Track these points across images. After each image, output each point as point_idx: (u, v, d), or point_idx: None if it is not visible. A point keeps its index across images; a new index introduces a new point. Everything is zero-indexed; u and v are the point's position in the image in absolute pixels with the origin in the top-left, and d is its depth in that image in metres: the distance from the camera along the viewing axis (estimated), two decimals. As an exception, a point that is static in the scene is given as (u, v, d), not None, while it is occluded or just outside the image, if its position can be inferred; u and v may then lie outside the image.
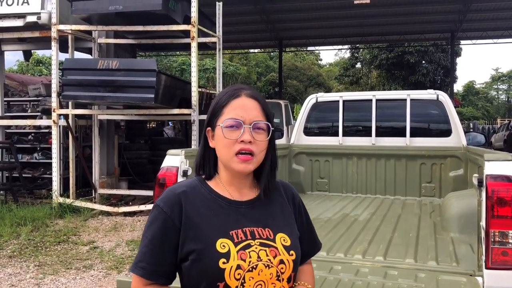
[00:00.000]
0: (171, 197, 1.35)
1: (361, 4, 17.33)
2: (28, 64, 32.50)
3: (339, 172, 5.35)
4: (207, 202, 1.36)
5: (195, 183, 1.41)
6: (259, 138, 1.32)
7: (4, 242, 6.23)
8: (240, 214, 1.36)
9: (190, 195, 1.36)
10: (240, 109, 1.33)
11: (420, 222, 3.90)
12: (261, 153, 1.34)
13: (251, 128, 1.31)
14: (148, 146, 12.50)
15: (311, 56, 45.41)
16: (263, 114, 1.35)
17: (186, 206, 1.33)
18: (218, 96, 1.40)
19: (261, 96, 1.40)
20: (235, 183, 1.39)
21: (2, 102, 10.13)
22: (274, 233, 1.35)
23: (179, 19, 8.17)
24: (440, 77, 29.38)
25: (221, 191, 1.38)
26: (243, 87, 1.38)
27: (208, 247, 1.28)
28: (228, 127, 1.32)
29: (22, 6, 8.49)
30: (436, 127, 5.38)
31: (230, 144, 1.31)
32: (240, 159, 1.31)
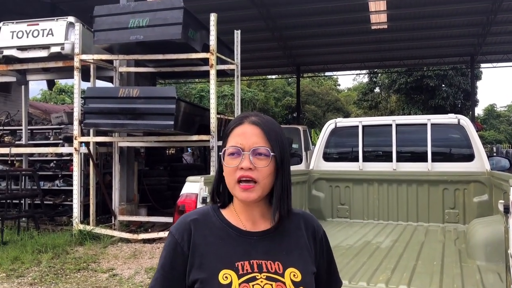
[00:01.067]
0: (182, 224, 1.36)
1: (379, 29, 17.44)
2: (51, 93, 33.36)
3: (360, 198, 5.27)
4: (217, 231, 1.34)
5: (208, 211, 1.40)
6: (260, 164, 1.28)
7: (25, 269, 6.26)
8: (250, 245, 1.32)
9: (201, 223, 1.35)
10: (240, 137, 1.31)
11: (445, 250, 3.79)
12: (265, 180, 1.29)
13: (251, 154, 1.28)
14: (167, 173, 12.58)
15: (329, 81, 45.55)
16: (264, 140, 1.31)
17: (195, 233, 1.33)
18: (228, 124, 1.41)
19: (268, 123, 1.35)
20: (247, 211, 1.35)
21: (26, 130, 10.36)
22: (284, 267, 1.30)
23: (198, 47, 8.31)
24: (460, 101, 29.09)
25: (234, 220, 1.36)
26: (249, 115, 1.37)
27: (210, 277, 1.26)
28: (229, 154, 1.31)
29: (47, 37, 8.76)
30: (458, 151, 5.29)
31: (232, 172, 1.30)
32: (242, 188, 1.28)
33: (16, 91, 15.47)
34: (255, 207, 1.35)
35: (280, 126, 1.40)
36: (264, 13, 15.76)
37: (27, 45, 8.86)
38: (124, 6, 8.30)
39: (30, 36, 8.82)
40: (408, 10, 15.69)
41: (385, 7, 15.39)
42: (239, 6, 15.22)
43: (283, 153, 1.33)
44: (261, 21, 16.39)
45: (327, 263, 1.46)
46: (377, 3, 15.15)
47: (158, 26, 7.69)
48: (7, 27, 9.01)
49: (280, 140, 1.34)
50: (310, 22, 17.00)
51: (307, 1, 15.13)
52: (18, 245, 7.39)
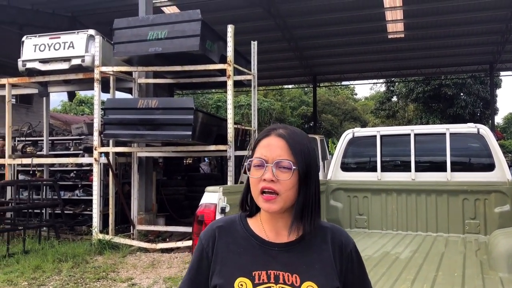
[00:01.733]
0: (209, 230, 1.41)
1: (396, 38, 17.38)
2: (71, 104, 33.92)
3: (379, 209, 5.24)
4: (239, 239, 1.37)
5: (235, 219, 1.43)
6: (283, 177, 1.29)
7: (46, 278, 6.36)
8: (270, 256, 1.33)
9: (225, 230, 1.40)
10: (265, 148, 1.33)
11: (465, 261, 3.74)
12: (287, 192, 1.30)
13: (274, 166, 1.30)
14: (185, 182, 12.66)
15: (346, 90, 45.41)
16: (288, 153, 1.31)
17: (219, 240, 1.37)
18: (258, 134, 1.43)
19: (294, 135, 1.36)
20: (272, 222, 1.37)
21: (47, 141, 10.55)
22: (301, 281, 1.30)
23: (215, 58, 8.40)
24: (479, 109, 28.70)
25: (258, 229, 1.38)
26: (277, 127, 1.38)
27: (227, 284, 1.30)
28: (254, 166, 1.33)
29: (68, 50, 8.97)
30: (478, 161, 5.23)
31: (256, 182, 1.32)
32: (264, 199, 1.30)
33: (38, 102, 15.81)
34: (280, 218, 1.36)
35: (308, 139, 1.41)
36: (281, 23, 15.85)
37: (49, 57, 9.08)
38: (143, 19, 8.44)
39: (52, 49, 9.04)
40: (425, 19, 15.62)
41: (401, 16, 15.34)
42: (255, 17, 15.35)
43: (308, 166, 1.33)
44: (277, 31, 16.49)
45: (359, 279, 1.43)
46: (393, 12, 15.11)
47: (176, 38, 7.80)
48: (30, 40, 9.25)
49: (306, 153, 1.34)
50: (327, 32, 17.04)
51: (323, 11, 15.18)
52: (39, 254, 7.51)
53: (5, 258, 7.27)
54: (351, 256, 1.40)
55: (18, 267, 6.74)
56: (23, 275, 6.41)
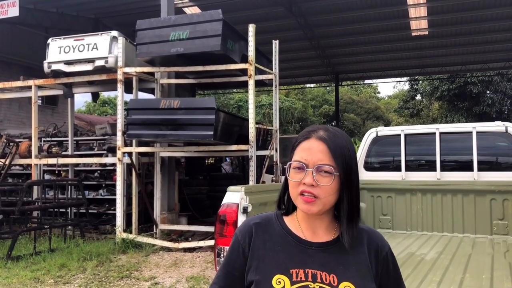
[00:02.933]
0: (246, 227, 1.42)
1: (419, 35, 17.11)
2: (95, 105, 34.47)
3: (403, 209, 5.15)
4: (276, 237, 1.37)
5: (271, 217, 1.44)
6: (323, 182, 1.28)
7: (72, 276, 6.46)
8: (307, 254, 1.34)
9: (262, 227, 1.40)
10: (306, 152, 1.32)
11: (494, 263, 3.64)
12: (327, 197, 1.30)
13: (314, 171, 1.29)
14: (207, 182, 12.71)
15: (369, 89, 44.95)
16: (329, 157, 1.30)
17: (256, 237, 1.38)
18: (298, 135, 1.42)
19: (336, 138, 1.34)
20: (309, 222, 1.37)
21: (72, 141, 10.74)
22: (339, 281, 1.30)
23: (237, 58, 8.40)
24: (507, 107, 28.04)
25: (294, 228, 1.38)
26: (317, 129, 1.37)
27: (265, 281, 1.30)
28: (294, 168, 1.33)
29: (92, 51, 9.10)
30: (506, 160, 5.08)
31: (295, 185, 1.32)
32: (304, 200, 1.30)
33: (63, 103, 16.11)
34: (317, 219, 1.36)
35: (349, 140, 1.39)
36: (302, 22, 15.77)
37: (73, 59, 9.23)
38: (165, 20, 8.50)
39: (76, 51, 9.19)
40: (449, 16, 15.33)
41: (425, 13, 15.09)
42: (277, 16, 15.31)
43: (349, 170, 1.32)
44: (299, 30, 16.42)
45: (394, 283, 1.43)
46: (417, 9, 14.88)
47: (198, 38, 7.83)
48: (55, 42, 9.42)
49: (347, 156, 1.32)
50: (349, 30, 16.89)
51: (345, 9, 15.05)
52: (64, 252, 7.64)
53: (32, 256, 7.41)
54: (386, 260, 1.40)
55: (44, 265, 6.87)
56: (49, 273, 6.53)
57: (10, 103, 15.24)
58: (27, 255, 7.44)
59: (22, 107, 15.62)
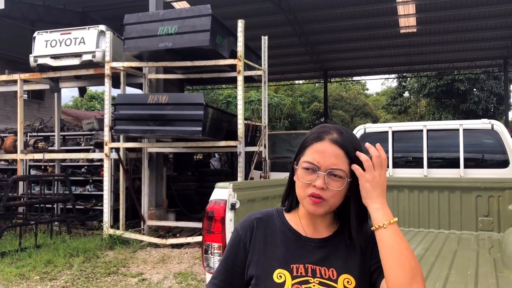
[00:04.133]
0: (247, 221, 1.43)
1: (408, 33, 17.20)
2: (82, 100, 34.15)
3: (390, 205, 5.12)
4: (277, 233, 1.39)
5: (273, 213, 1.45)
6: (334, 186, 1.29)
7: (58, 272, 6.40)
8: (306, 250, 1.36)
9: (264, 222, 1.41)
10: (319, 154, 1.31)
11: (479, 259, 3.67)
12: (334, 199, 1.30)
13: (326, 175, 1.29)
14: (195, 178, 12.67)
15: (357, 86, 45.14)
16: (343, 162, 1.30)
17: (257, 232, 1.39)
18: (307, 134, 1.40)
19: (349, 142, 1.33)
20: (311, 219, 1.39)
21: (59, 136, 10.62)
22: (338, 274, 1.32)
23: (225, 53, 8.37)
24: (493, 105, 28.34)
25: (295, 224, 1.40)
26: (330, 130, 1.35)
27: (266, 275, 1.32)
28: (304, 169, 1.32)
29: (79, 46, 9.00)
30: (491, 157, 5.15)
31: (304, 186, 1.31)
32: (312, 201, 1.30)
33: (49, 98, 15.93)
34: (319, 217, 1.38)
35: (359, 143, 1.39)
36: (291, 18, 15.75)
37: (60, 53, 9.11)
38: (153, 14, 8.43)
39: (63, 45, 9.07)
40: (437, 13, 15.42)
41: (414, 10, 15.17)
42: (266, 12, 15.27)
43: None
44: (288, 26, 16.40)
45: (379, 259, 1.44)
46: (405, 7, 14.95)
47: (186, 33, 7.78)
48: (41, 36, 9.29)
49: (358, 160, 1.32)
50: (338, 26, 16.91)
51: (334, 6, 15.06)
52: (51, 248, 7.57)
53: (17, 252, 7.33)
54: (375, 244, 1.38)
55: (30, 261, 6.80)
56: (35, 269, 6.46)
57: (-5, 97, 15.02)
58: (12, 251, 7.36)
59: (8, 101, 15.40)
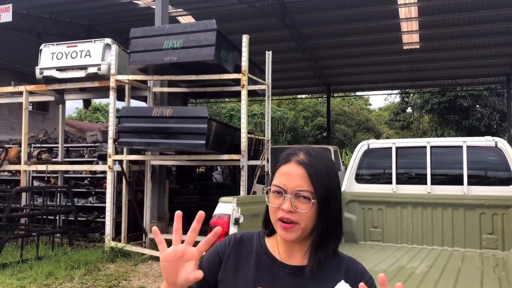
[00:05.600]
0: (227, 238, 1.42)
1: (411, 49, 17.31)
2: (86, 112, 34.29)
3: (393, 222, 5.16)
4: (252, 254, 1.36)
5: (254, 235, 1.43)
6: (301, 209, 1.24)
7: (59, 284, 6.38)
8: (278, 276, 1.31)
9: (243, 242, 1.39)
10: (284, 177, 1.28)
11: (483, 277, 3.65)
12: (306, 222, 1.25)
13: (292, 197, 1.25)
14: (198, 191, 12.65)
15: (360, 101, 45.25)
16: (308, 183, 1.25)
17: (232, 249, 1.38)
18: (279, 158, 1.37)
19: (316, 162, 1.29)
20: (287, 245, 1.34)
21: (62, 148, 10.66)
22: None
23: (230, 68, 8.42)
24: (495, 122, 28.35)
25: (272, 248, 1.36)
26: (297, 152, 1.32)
27: None
28: (273, 193, 1.29)
29: (85, 58, 9.08)
30: (495, 175, 5.13)
31: (274, 210, 1.28)
32: (282, 226, 1.26)
33: (54, 109, 16.02)
34: (297, 244, 1.33)
35: (331, 163, 1.34)
36: (295, 33, 15.88)
37: (66, 66, 9.19)
38: (159, 28, 8.51)
39: (69, 57, 9.15)
40: (440, 30, 15.54)
41: (417, 27, 15.29)
42: (270, 27, 15.41)
43: (328, 195, 1.28)
44: (292, 41, 16.53)
45: None
46: (409, 23, 15.07)
47: (191, 47, 7.84)
48: (48, 48, 9.38)
49: (326, 181, 1.28)
50: (341, 42, 17.04)
51: (338, 22, 15.19)
52: (52, 260, 7.54)
53: (19, 264, 7.30)
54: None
55: (31, 273, 6.77)
56: (35, 282, 6.43)
57: (0, 108, 15.11)
58: (13, 262, 7.33)
59: (12, 113, 15.50)
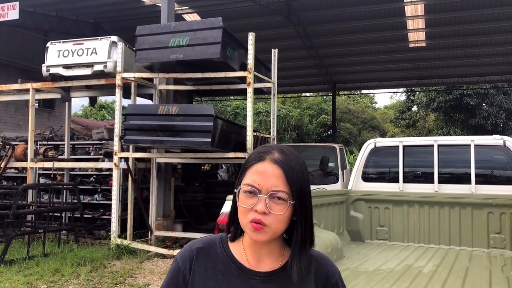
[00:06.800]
0: (187, 252, 1.31)
1: (417, 47, 17.22)
2: (91, 109, 34.40)
3: (400, 220, 5.15)
4: (218, 265, 1.27)
5: (215, 241, 1.32)
6: (276, 210, 1.18)
7: (65, 281, 6.40)
8: (250, 285, 1.24)
9: (205, 252, 1.29)
10: (259, 176, 1.20)
11: (492, 277, 3.63)
12: (278, 224, 1.20)
13: (267, 197, 1.18)
14: (203, 189, 12.66)
15: (365, 99, 45.10)
16: (285, 183, 1.19)
17: (196, 263, 1.28)
18: (249, 155, 1.30)
19: (291, 161, 1.23)
20: (254, 249, 1.27)
21: (68, 145, 10.68)
22: None
23: (236, 66, 8.41)
24: (502, 120, 28.19)
25: (239, 255, 1.28)
26: (271, 150, 1.25)
27: None
28: (245, 192, 1.21)
29: (91, 56, 9.08)
30: (503, 174, 5.11)
31: (245, 211, 1.20)
32: (253, 227, 1.19)
33: (60, 107, 16.07)
34: (265, 246, 1.27)
35: (304, 164, 1.28)
36: (301, 31, 15.84)
37: (72, 63, 9.19)
38: (165, 26, 8.50)
39: (75, 55, 9.16)
40: (447, 28, 15.45)
41: (423, 25, 15.21)
42: (276, 25, 15.38)
43: (304, 196, 1.23)
44: (297, 39, 16.48)
45: None
46: (415, 21, 14.99)
47: (197, 45, 7.83)
48: (54, 46, 9.39)
49: (302, 182, 1.23)
50: (347, 40, 16.98)
51: (344, 20, 15.14)
52: (58, 257, 7.57)
53: (25, 260, 7.34)
54: (336, 287, 1.33)
55: (37, 270, 6.80)
56: (42, 278, 6.46)
57: (7, 106, 15.17)
58: (20, 259, 7.37)
59: (19, 110, 15.56)
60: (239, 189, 1.23)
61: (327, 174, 10.24)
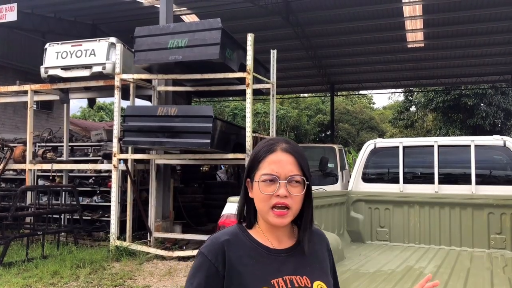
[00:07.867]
0: (216, 245, 1.39)
1: (415, 47, 17.24)
2: (90, 110, 34.35)
3: (400, 221, 5.14)
4: (249, 251, 1.38)
5: (237, 231, 1.44)
6: (295, 192, 1.36)
7: (64, 283, 6.38)
8: (279, 262, 1.39)
9: (233, 243, 1.39)
10: (276, 164, 1.37)
11: (493, 278, 3.63)
12: (296, 206, 1.37)
13: (287, 182, 1.35)
14: (202, 190, 12.65)
15: (363, 100, 45.12)
16: (298, 168, 1.38)
17: (229, 254, 1.36)
18: (256, 149, 1.45)
19: (298, 149, 1.43)
20: (274, 232, 1.42)
21: (67, 147, 10.66)
22: (311, 281, 1.39)
23: (234, 67, 8.39)
24: (500, 120, 28.20)
25: (261, 239, 1.41)
26: (279, 141, 1.43)
27: None
28: (264, 182, 1.36)
29: (89, 57, 9.06)
30: (504, 174, 5.11)
31: (267, 198, 1.36)
32: (276, 214, 1.35)
33: (58, 108, 16.04)
34: (281, 228, 1.42)
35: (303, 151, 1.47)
36: (299, 32, 15.84)
37: (70, 65, 9.18)
38: (163, 27, 8.49)
39: (74, 56, 9.14)
40: (445, 28, 15.46)
41: (421, 25, 15.23)
42: (274, 26, 15.38)
43: (310, 178, 1.42)
44: (296, 40, 16.48)
45: (333, 273, 1.55)
46: (413, 22, 15.00)
47: (196, 46, 7.82)
48: (53, 48, 9.37)
49: (308, 166, 1.42)
50: (345, 41, 16.98)
51: (342, 20, 15.14)
52: (57, 259, 7.54)
53: (24, 262, 7.31)
54: (331, 254, 1.55)
55: (36, 272, 6.78)
56: (41, 280, 6.44)
57: (5, 107, 15.14)
58: (19, 261, 7.34)
59: (17, 112, 15.53)
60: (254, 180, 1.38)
61: (327, 175, 10.24)
